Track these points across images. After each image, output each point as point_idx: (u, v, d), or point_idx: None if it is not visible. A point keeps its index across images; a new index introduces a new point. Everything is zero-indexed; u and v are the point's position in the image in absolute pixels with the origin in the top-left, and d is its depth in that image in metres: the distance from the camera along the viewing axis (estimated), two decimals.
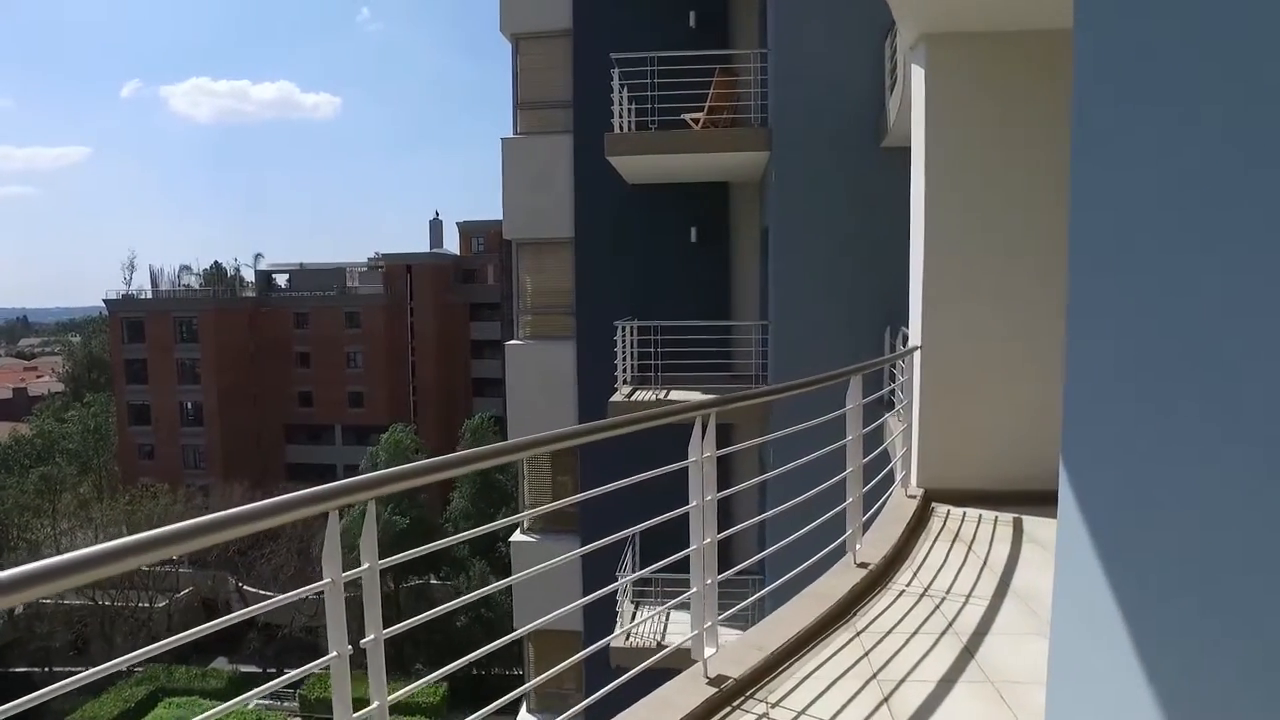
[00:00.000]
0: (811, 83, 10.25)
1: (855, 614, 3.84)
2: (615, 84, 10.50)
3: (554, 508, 14.30)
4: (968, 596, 4.07)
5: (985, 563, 4.58)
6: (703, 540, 2.97)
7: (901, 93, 7.90)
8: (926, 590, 4.16)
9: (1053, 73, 5.78)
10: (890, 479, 5.81)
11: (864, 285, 10.42)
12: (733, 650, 3.25)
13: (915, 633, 3.64)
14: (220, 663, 36.00)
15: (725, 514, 3.57)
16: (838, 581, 4.03)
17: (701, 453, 2.92)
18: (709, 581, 3.00)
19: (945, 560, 4.61)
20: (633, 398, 10.83)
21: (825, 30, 10.11)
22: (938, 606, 3.94)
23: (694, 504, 2.96)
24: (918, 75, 5.98)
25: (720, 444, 3.07)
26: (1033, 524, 5.33)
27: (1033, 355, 5.92)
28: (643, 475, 2.79)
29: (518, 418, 14.53)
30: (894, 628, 3.69)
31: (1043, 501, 5.94)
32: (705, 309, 12.82)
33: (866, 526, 4.60)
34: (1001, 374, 5.92)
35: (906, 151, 10.08)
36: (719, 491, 3.07)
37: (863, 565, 4.23)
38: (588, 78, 12.81)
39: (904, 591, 4.14)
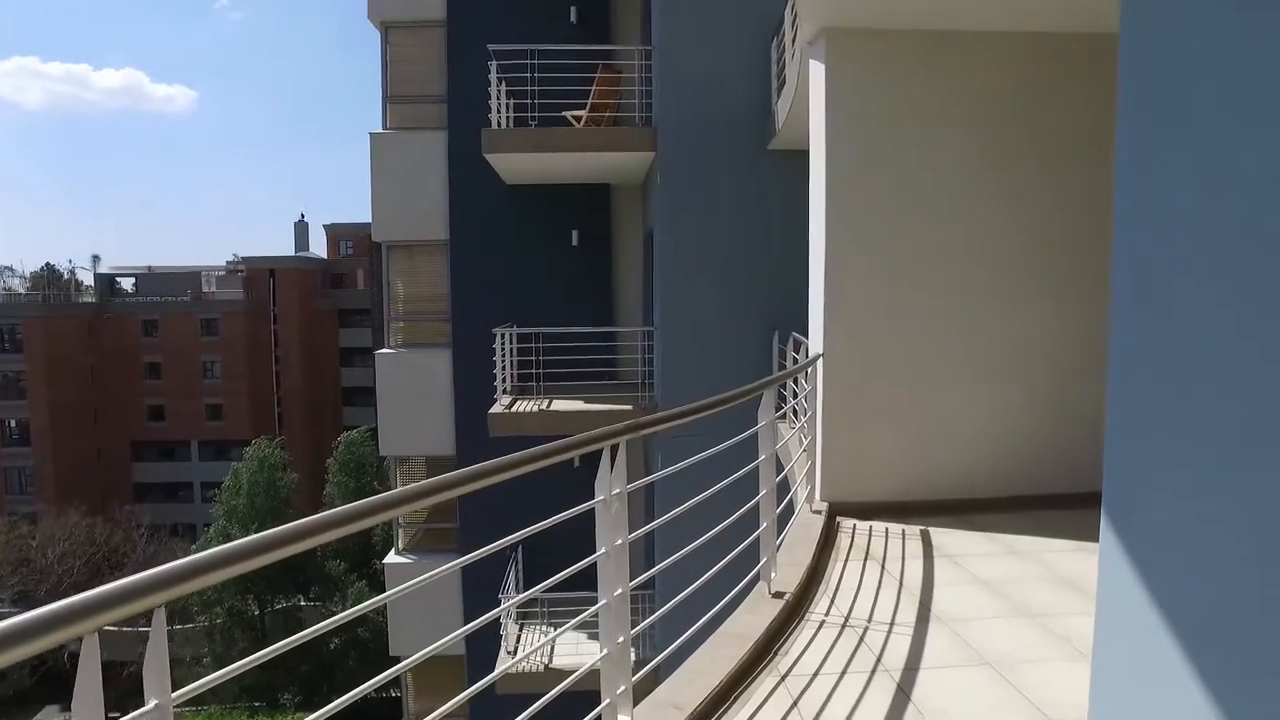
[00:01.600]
0: (697, 83, 9.99)
1: (777, 653, 3.47)
2: (493, 78, 9.91)
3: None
4: (891, 625, 3.77)
5: (901, 583, 4.32)
6: (614, 593, 2.49)
7: (794, 93, 7.71)
8: (847, 620, 3.84)
9: (958, 75, 5.71)
10: (790, 493, 5.51)
11: (752, 290, 10.25)
12: (648, 714, 2.79)
13: (844, 672, 3.30)
14: (50, 712, 32.40)
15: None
16: (754, 616, 3.65)
17: (610, 489, 2.45)
18: (620, 640, 2.53)
19: (861, 582, 4.33)
20: (513, 409, 10.24)
21: (710, 30, 9.88)
22: (862, 639, 3.62)
23: (602, 551, 2.48)
24: (817, 71, 5.74)
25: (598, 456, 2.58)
26: (940, 536, 5.16)
27: (936, 361, 5.80)
28: (540, 525, 2.30)
29: (390, 431, 13.61)
30: (820, 668, 3.34)
31: (947, 511, 5.84)
32: (588, 315, 12.38)
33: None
34: (905, 381, 5.76)
35: (794, 155, 10.05)
36: (634, 528, 2.62)
37: (778, 595, 3.87)
38: (463, 71, 12.12)
39: (824, 622, 3.81)
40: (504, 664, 10.73)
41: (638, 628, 2.70)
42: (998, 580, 4.37)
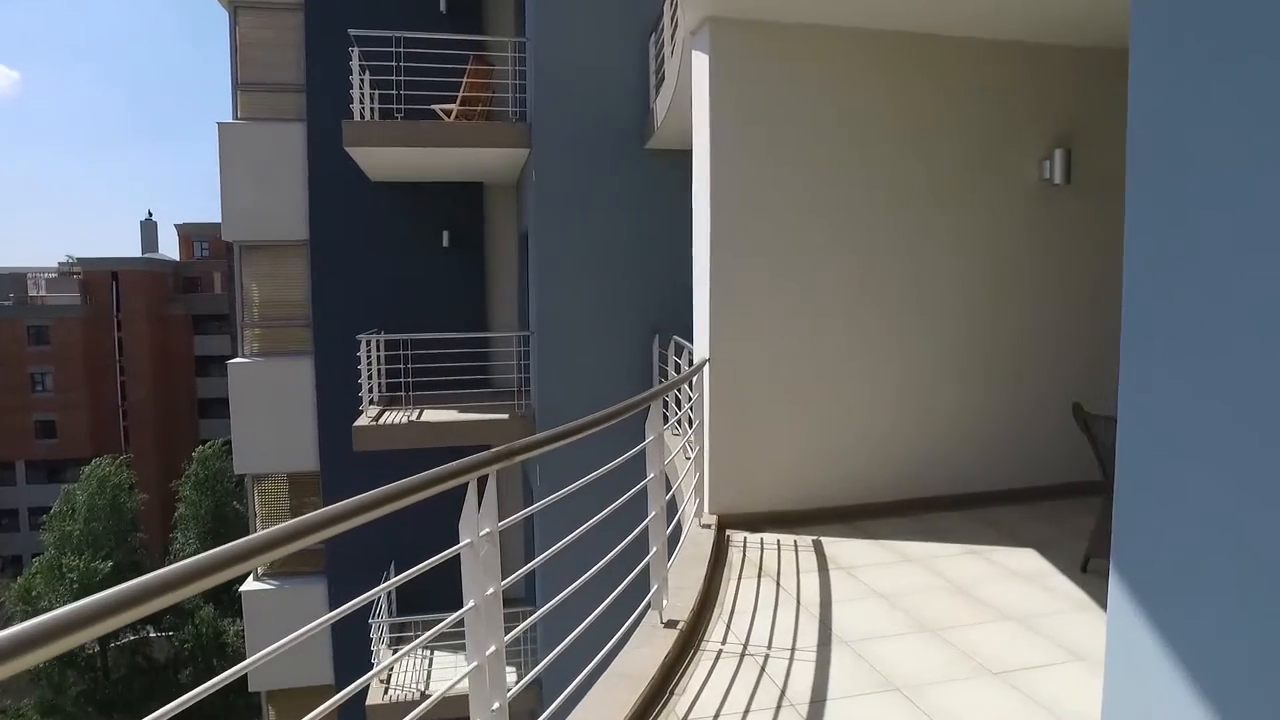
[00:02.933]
0: (572, 78, 9.63)
1: (673, 693, 3.14)
2: (354, 66, 9.21)
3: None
4: (792, 650, 3.52)
5: (799, 601, 4.09)
6: (486, 651, 2.08)
7: (674, 90, 7.47)
8: (746, 647, 3.56)
9: (848, 72, 5.58)
10: (677, 509, 5.23)
11: (632, 293, 9.98)
12: None
13: (747, 711, 3.00)
14: None
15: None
16: (647, 650, 3.31)
17: (478, 529, 2.04)
18: (496, 707, 2.12)
19: (756, 603, 4.07)
20: (381, 420, 9.55)
21: (586, 23, 9.55)
22: (763, 669, 3.34)
23: (471, 605, 2.07)
24: (700, 63, 5.49)
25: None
26: (832, 546, 4.99)
27: (823, 366, 5.65)
28: (407, 574, 1.87)
29: (246, 447, 12.53)
30: (722, 708, 3.03)
31: (836, 518, 5.71)
32: (461, 319, 11.82)
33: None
34: (793, 387, 5.58)
35: (672, 154, 9.87)
36: (509, 558, 2.21)
37: (671, 624, 3.55)
38: (323, 59, 11.31)
39: (722, 652, 3.51)
40: (377, 693, 10.01)
41: (515, 689, 2.29)
42: (895, 592, 4.22)
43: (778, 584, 4.35)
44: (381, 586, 2.01)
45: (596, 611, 2.89)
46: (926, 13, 5.31)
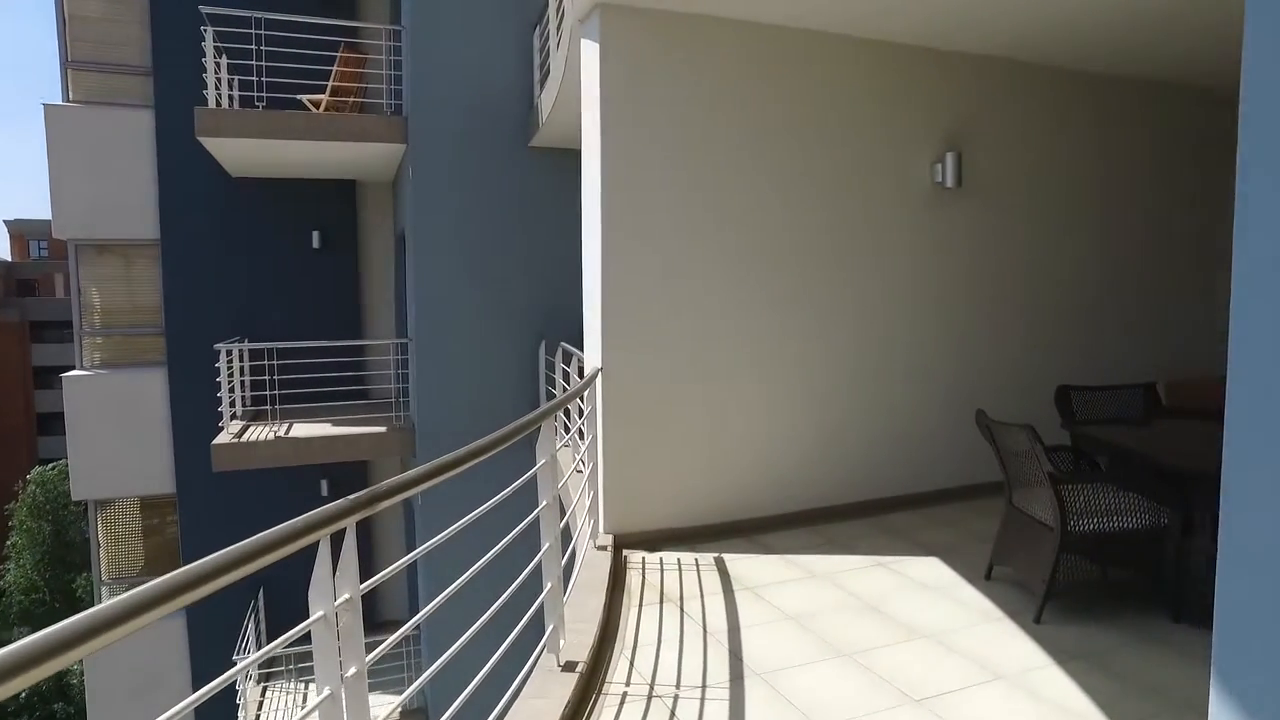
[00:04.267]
0: (452, 70, 9.11)
1: None
2: (208, 47, 8.37)
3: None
4: (703, 688, 3.22)
5: (705, 629, 3.80)
6: None
7: (560, 84, 7.10)
8: (653, 687, 3.24)
9: (749, 67, 5.34)
10: (568, 533, 4.86)
11: (517, 298, 9.55)
12: None
13: None
14: None
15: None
16: (544, 702, 2.93)
17: (335, 596, 1.62)
18: None
19: (661, 633, 3.76)
20: (245, 437, 8.73)
21: (466, 13, 9.05)
22: (673, 712, 3.03)
23: (326, 693, 1.64)
24: (589, 53, 5.15)
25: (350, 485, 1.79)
26: (735, 563, 4.75)
27: (721, 374, 5.41)
28: (262, 653, 1.43)
29: (86, 470, 11.25)
30: None
31: (737, 533, 5.47)
32: (333, 326, 11.03)
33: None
34: (689, 396, 5.31)
35: (559, 153, 9.50)
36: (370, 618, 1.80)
37: (569, 667, 3.19)
38: (174, 39, 10.31)
39: (627, 694, 3.17)
40: None
41: None
42: (804, 613, 4.00)
43: (681, 609, 4.05)
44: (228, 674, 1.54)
45: (485, 668, 2.50)
46: (826, 11, 5.17)
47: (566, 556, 3.81)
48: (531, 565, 3.00)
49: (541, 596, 3.08)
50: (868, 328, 5.86)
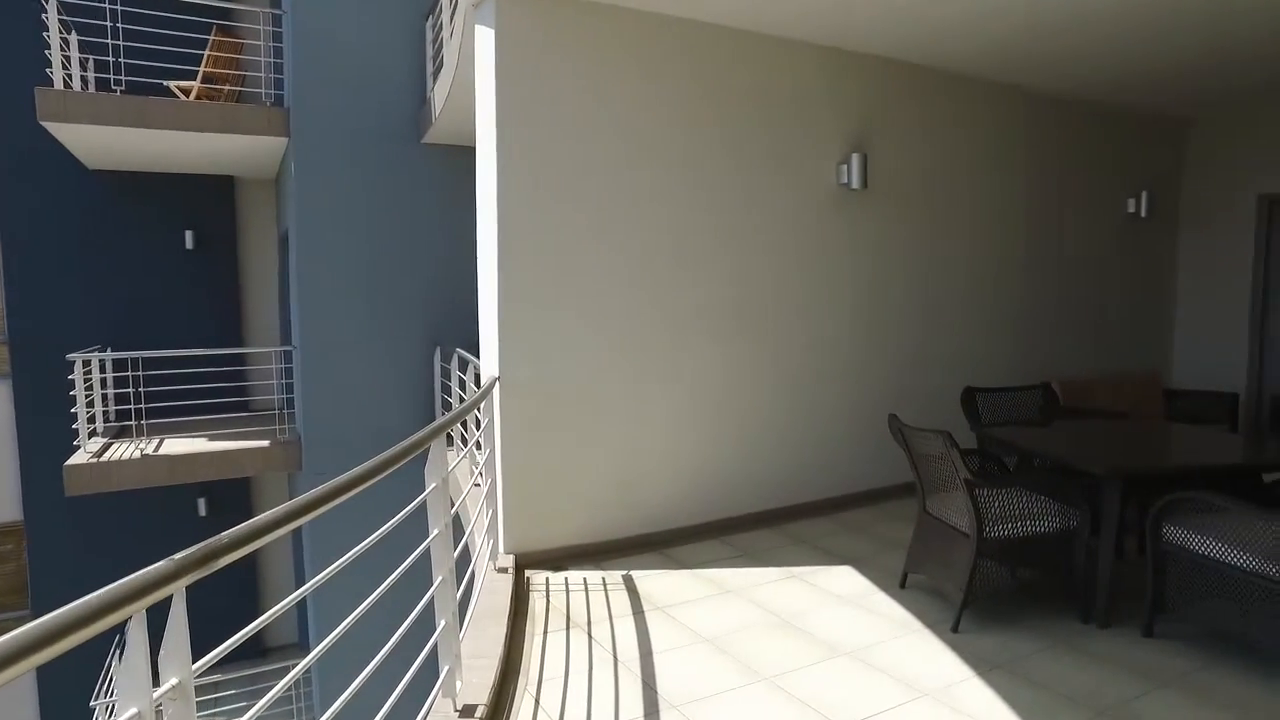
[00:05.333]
0: (339, 60, 8.57)
1: None
2: (51, 21, 7.54)
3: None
4: None
5: (616, 658, 3.53)
6: None
7: (453, 75, 6.71)
8: None
9: (658, 61, 5.10)
10: (467, 552, 4.50)
11: (410, 302, 9.07)
12: None
13: None
14: None
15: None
16: None
17: (150, 686, 1.26)
18: None
19: (568, 665, 3.46)
20: (106, 456, 7.93)
21: (354, 2, 8.53)
22: None
23: None
24: (484, 39, 4.81)
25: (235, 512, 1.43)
26: (645, 581, 4.50)
27: (624, 380, 5.15)
28: None
29: None
30: None
31: (646, 547, 5.23)
32: (210, 333, 10.24)
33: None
34: (591, 405, 5.03)
35: (453, 149, 9.07)
36: None
37: (467, 711, 2.85)
38: (12, 15, 9.32)
39: None
40: None
41: None
42: (719, 634, 3.78)
43: (589, 636, 3.77)
44: None
45: (380, 715, 2.16)
46: (730, 6, 4.99)
47: (465, 580, 3.47)
48: (424, 601, 2.66)
49: (435, 635, 2.74)
50: (774, 332, 5.73)
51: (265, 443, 8.75)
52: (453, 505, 3.02)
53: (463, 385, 7.04)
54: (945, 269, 6.59)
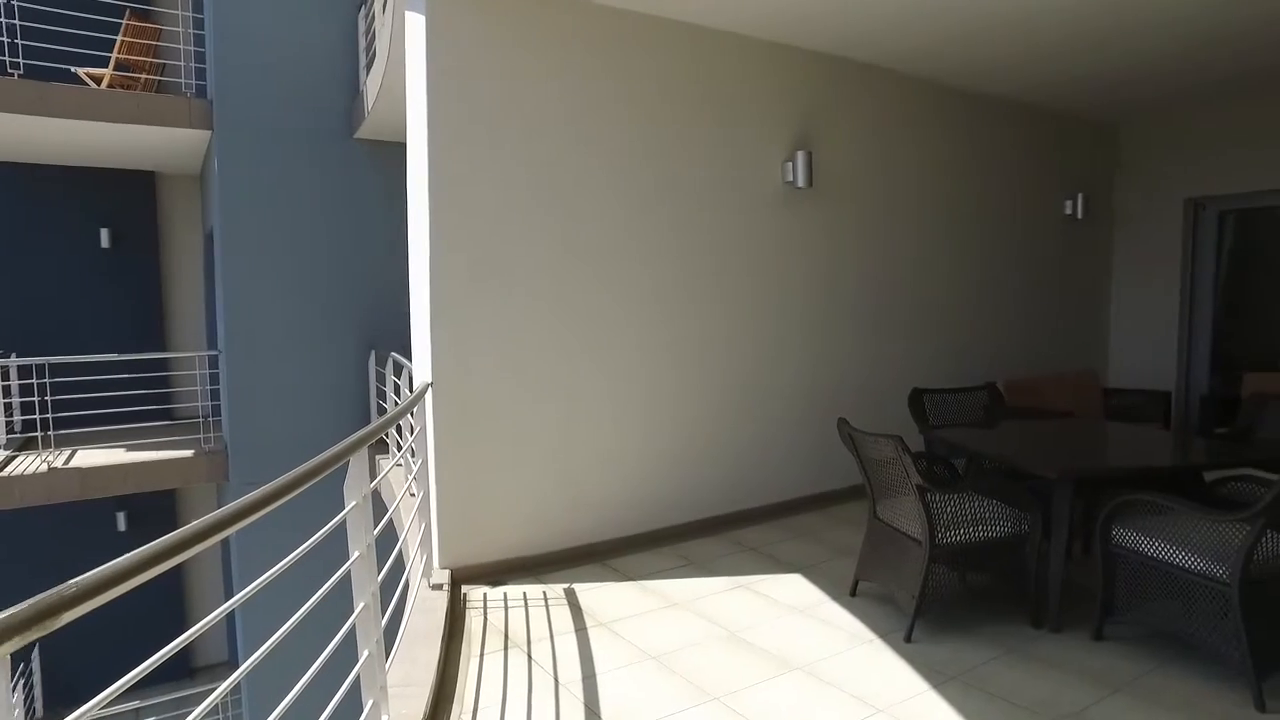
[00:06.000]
0: (266, 50, 8.18)
1: None
2: None
3: None
4: None
5: (557, 680, 3.33)
6: None
7: (385, 67, 6.43)
8: None
9: (602, 53, 4.89)
10: (399, 567, 4.24)
11: (342, 304, 8.72)
12: None
13: None
14: None
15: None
16: None
17: None
18: None
19: (506, 690, 3.25)
20: (7, 470, 7.40)
21: None
22: None
23: None
24: (415, 30, 4.56)
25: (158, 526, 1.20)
26: (588, 595, 4.30)
27: (565, 385, 4.95)
28: None
29: None
30: None
31: (588, 557, 5.02)
32: (130, 337, 9.70)
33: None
34: (531, 411, 4.81)
35: (387, 145, 8.73)
36: None
37: None
38: None
39: None
40: None
41: None
42: (666, 650, 3.60)
43: (529, 656, 3.56)
44: None
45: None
46: None
47: (398, 596, 3.23)
48: (346, 628, 2.42)
49: (357, 666, 2.51)
50: (721, 333, 5.58)
51: (189, 453, 8.30)
52: (378, 523, 2.79)
53: (398, 390, 6.76)
54: (893, 269, 6.54)
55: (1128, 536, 3.52)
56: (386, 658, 2.71)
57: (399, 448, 5.92)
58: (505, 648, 3.65)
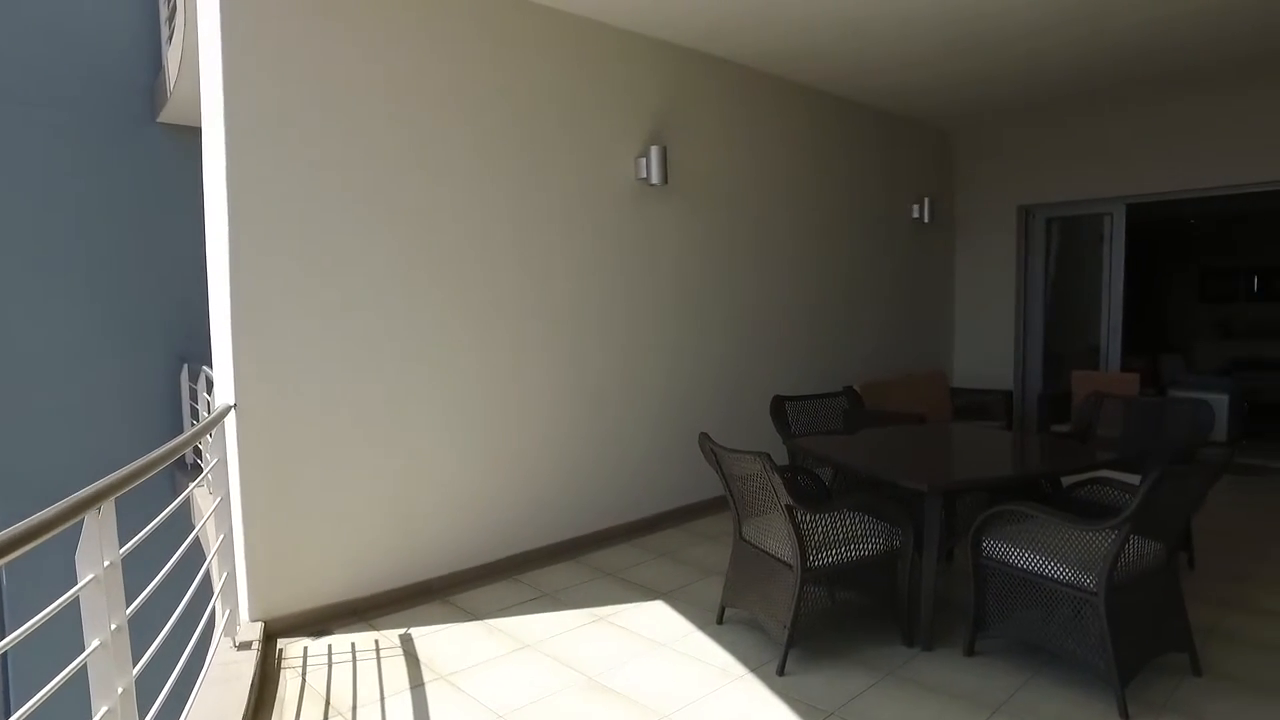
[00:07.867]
0: (50, 20, 7.06)
1: None
2: None
3: None
4: None
5: None
6: None
7: (185, 39, 5.61)
8: None
9: (423, 29, 4.37)
10: (197, 627, 3.56)
11: (147, 311, 7.69)
12: None
13: None
14: None
15: None
16: None
17: None
18: None
19: None
20: None
21: None
22: None
23: None
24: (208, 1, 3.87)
25: None
26: (426, 641, 3.78)
27: (393, 405, 4.37)
28: None
29: None
30: None
31: (426, 595, 4.46)
32: None
33: None
34: (354, 436, 4.20)
35: (195, 132, 7.76)
36: None
37: None
38: None
39: None
40: None
41: None
42: (518, 707, 3.14)
43: None
44: None
45: None
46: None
47: (185, 662, 2.60)
48: None
49: None
50: (567, 341, 5.16)
51: None
52: (147, 584, 2.18)
53: (210, 409, 5.92)
54: (751, 272, 6.34)
55: (997, 548, 3.39)
56: None
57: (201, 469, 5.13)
58: (326, 717, 3.07)
